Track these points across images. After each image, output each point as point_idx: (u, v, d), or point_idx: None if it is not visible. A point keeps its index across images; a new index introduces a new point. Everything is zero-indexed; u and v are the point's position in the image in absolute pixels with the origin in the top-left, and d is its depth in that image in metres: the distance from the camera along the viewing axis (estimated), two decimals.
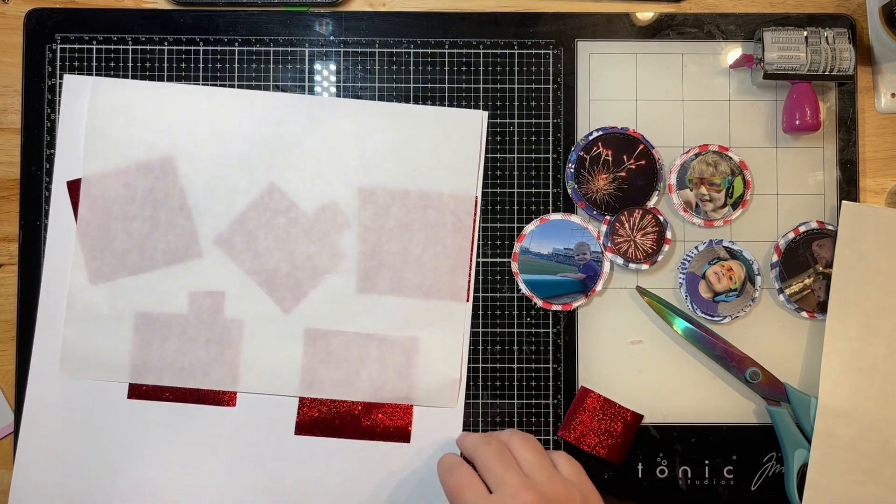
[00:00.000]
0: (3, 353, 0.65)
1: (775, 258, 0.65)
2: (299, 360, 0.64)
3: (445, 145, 0.65)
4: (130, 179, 0.64)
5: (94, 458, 0.63)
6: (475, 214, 0.65)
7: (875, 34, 0.66)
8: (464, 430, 0.64)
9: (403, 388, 0.64)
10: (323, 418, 0.64)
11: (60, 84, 0.65)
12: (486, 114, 0.65)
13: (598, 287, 0.65)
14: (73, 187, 0.64)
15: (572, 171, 0.65)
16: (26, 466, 0.63)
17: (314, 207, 0.64)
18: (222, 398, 0.64)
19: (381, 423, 0.64)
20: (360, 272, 0.64)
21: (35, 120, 0.65)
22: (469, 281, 0.64)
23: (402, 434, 0.64)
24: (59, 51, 0.65)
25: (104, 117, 0.64)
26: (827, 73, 0.64)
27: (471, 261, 0.65)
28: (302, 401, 0.64)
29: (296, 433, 0.64)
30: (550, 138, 0.66)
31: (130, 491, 0.63)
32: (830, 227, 0.65)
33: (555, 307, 0.65)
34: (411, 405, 0.64)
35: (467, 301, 0.64)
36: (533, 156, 0.66)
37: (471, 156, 0.65)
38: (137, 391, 0.64)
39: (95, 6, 0.66)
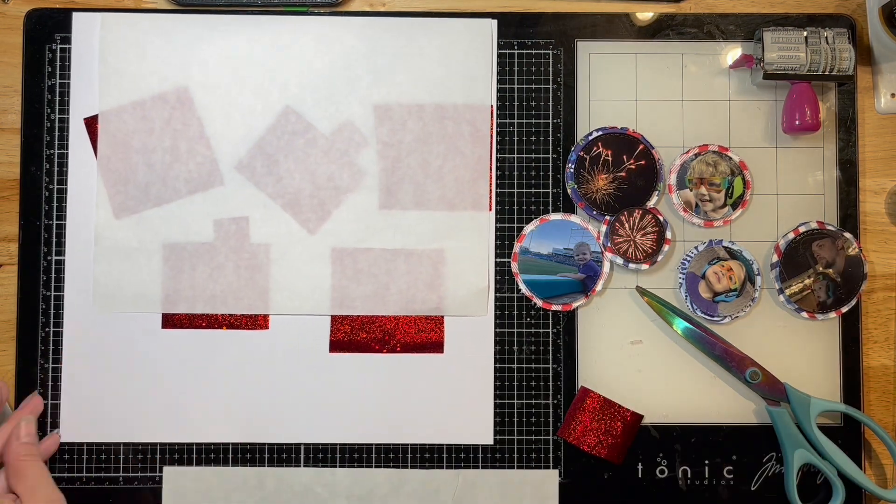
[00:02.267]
0: (3, 353, 0.65)
1: (775, 258, 0.65)
2: (328, 280, 0.64)
3: (456, 55, 0.65)
4: (147, 112, 0.64)
5: (133, 391, 0.64)
6: (492, 122, 0.65)
7: (875, 34, 0.66)
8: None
9: (433, 300, 0.64)
10: (356, 335, 0.65)
11: (61, 84, 0.65)
12: (495, 22, 0.66)
13: (598, 287, 0.65)
14: (91, 124, 0.65)
15: (572, 171, 0.65)
16: (70, 407, 0.64)
17: (331, 128, 0.65)
18: (255, 322, 0.65)
19: (415, 335, 0.65)
20: (381, 188, 0.65)
21: (35, 120, 0.65)
22: (490, 189, 0.65)
23: (435, 345, 0.65)
24: (59, 51, 0.65)
25: (116, 53, 0.65)
26: (827, 73, 0.64)
27: (490, 170, 0.65)
28: (334, 319, 0.65)
29: (330, 351, 0.65)
30: (550, 138, 0.66)
31: (170, 418, 0.64)
32: (830, 228, 0.65)
33: (555, 307, 0.65)
34: (442, 316, 0.65)
35: (490, 210, 0.65)
36: (533, 156, 0.66)
37: (482, 64, 0.65)
38: (171, 321, 0.64)
39: (95, 6, 0.66)
